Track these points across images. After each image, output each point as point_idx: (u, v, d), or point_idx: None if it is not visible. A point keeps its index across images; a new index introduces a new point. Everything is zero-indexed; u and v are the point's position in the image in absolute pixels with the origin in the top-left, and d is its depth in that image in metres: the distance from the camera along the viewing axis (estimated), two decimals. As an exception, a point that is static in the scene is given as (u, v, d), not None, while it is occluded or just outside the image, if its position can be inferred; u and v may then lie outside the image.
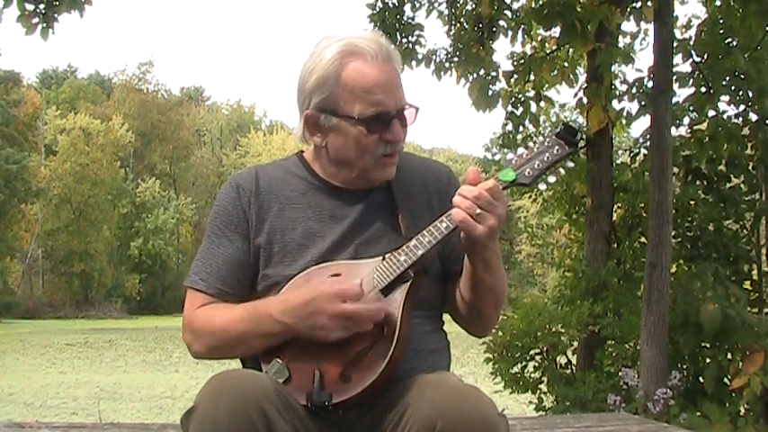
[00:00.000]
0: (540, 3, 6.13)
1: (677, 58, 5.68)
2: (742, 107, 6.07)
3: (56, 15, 5.41)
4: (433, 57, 6.87)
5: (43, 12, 5.35)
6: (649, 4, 5.77)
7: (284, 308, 1.55)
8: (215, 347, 1.63)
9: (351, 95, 1.61)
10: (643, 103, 5.91)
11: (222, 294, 1.66)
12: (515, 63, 6.86)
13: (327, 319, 1.51)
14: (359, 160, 1.65)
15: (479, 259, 1.59)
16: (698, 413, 4.71)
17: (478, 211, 1.50)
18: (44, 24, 5.37)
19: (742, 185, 6.27)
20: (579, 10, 5.54)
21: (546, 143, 1.62)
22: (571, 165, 1.62)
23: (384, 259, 1.59)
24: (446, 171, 1.82)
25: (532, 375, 6.26)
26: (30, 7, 5.33)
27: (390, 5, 6.62)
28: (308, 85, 1.66)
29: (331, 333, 1.52)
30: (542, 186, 1.63)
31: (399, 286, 1.57)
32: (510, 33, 6.76)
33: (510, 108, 6.93)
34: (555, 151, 1.60)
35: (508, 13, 6.71)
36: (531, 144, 1.63)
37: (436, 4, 6.97)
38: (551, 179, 1.62)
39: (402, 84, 1.67)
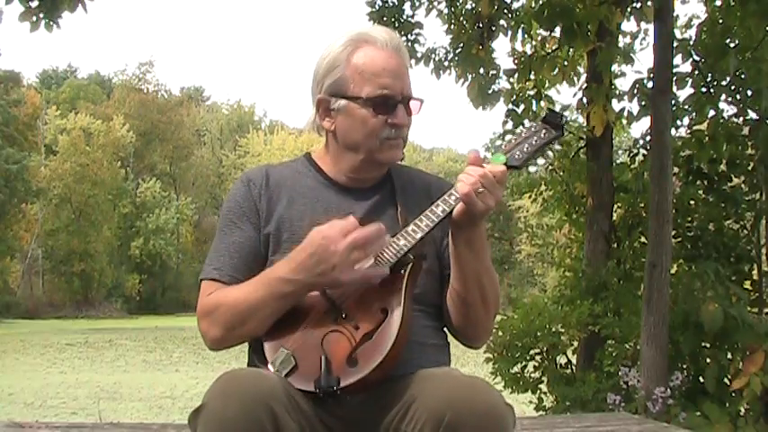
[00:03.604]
0: (540, 3, 6.12)
1: (677, 59, 5.68)
2: (742, 107, 6.07)
3: (59, 13, 5.40)
4: (433, 55, 6.87)
5: (46, 9, 5.34)
6: (649, 3, 5.77)
7: (290, 266, 1.58)
8: (231, 324, 1.62)
9: (360, 78, 1.69)
10: (643, 103, 5.91)
11: (235, 281, 1.68)
12: (516, 61, 6.86)
13: (337, 258, 1.53)
14: (365, 142, 1.70)
15: (463, 238, 1.62)
16: (698, 413, 4.71)
17: (481, 189, 1.55)
18: (47, 20, 5.37)
19: (742, 185, 6.27)
20: (579, 10, 5.54)
21: (533, 129, 1.68)
22: (558, 147, 1.72)
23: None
24: (449, 184, 1.85)
25: (532, 375, 6.26)
26: (34, 4, 5.33)
27: (390, 4, 6.62)
28: (321, 70, 1.74)
29: (344, 273, 1.54)
30: (534, 175, 1.70)
31: (400, 270, 1.59)
32: (510, 33, 6.75)
33: (511, 106, 6.92)
34: (542, 135, 1.67)
35: (508, 12, 6.70)
36: (518, 131, 1.69)
37: (436, 3, 6.96)
38: (540, 161, 1.68)
39: (410, 76, 1.74)
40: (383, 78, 1.68)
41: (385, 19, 6.52)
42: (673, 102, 5.48)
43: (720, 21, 5.96)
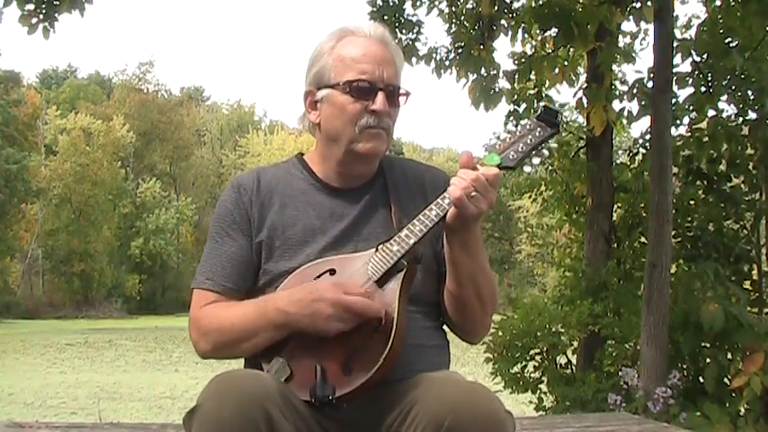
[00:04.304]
0: (540, 2, 6.12)
1: (677, 58, 5.68)
2: (742, 107, 6.06)
3: (56, 15, 5.41)
4: (434, 55, 6.86)
5: (44, 11, 5.35)
6: (649, 3, 5.76)
7: (288, 299, 1.57)
8: (220, 344, 1.64)
9: (341, 65, 1.69)
10: (643, 102, 5.90)
11: (228, 291, 1.68)
12: (516, 62, 6.85)
13: (329, 306, 1.52)
14: (344, 130, 1.68)
15: (458, 240, 1.61)
16: (698, 413, 4.71)
17: (474, 193, 1.53)
18: (45, 24, 5.37)
19: (742, 185, 6.27)
20: (579, 10, 5.54)
21: (528, 126, 1.64)
22: (555, 145, 1.67)
23: (377, 250, 1.60)
24: (443, 175, 1.85)
25: (532, 375, 6.25)
26: (30, 7, 5.34)
27: (390, 3, 6.61)
28: (309, 64, 1.75)
29: (331, 323, 1.52)
30: (533, 175, 1.67)
31: (394, 276, 1.58)
32: (510, 33, 6.75)
33: (512, 107, 6.91)
34: (537, 133, 1.63)
35: (508, 12, 6.70)
36: (513, 128, 1.67)
37: (437, 2, 6.96)
38: (536, 161, 1.65)
39: (398, 69, 1.72)
40: (363, 64, 1.68)
41: (386, 18, 6.51)
42: (673, 101, 5.47)
43: (721, 20, 5.95)
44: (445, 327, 1.76)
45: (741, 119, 6.11)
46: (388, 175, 1.78)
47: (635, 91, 5.95)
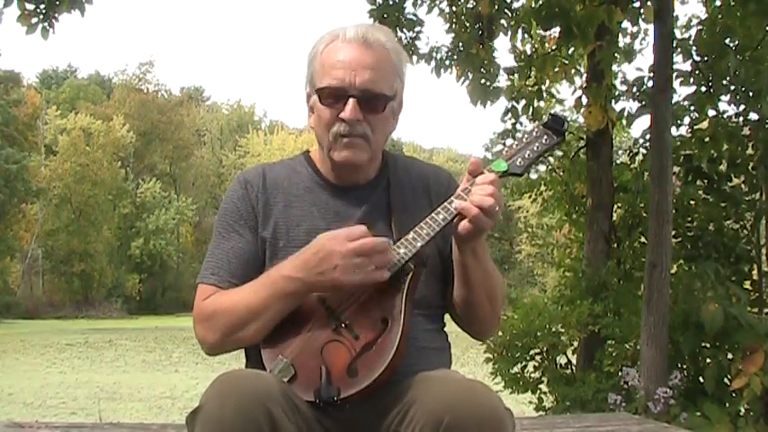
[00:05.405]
0: (540, 2, 6.11)
1: (677, 58, 5.67)
2: (742, 107, 6.06)
3: (56, 15, 5.41)
4: (434, 54, 6.85)
5: (43, 11, 5.35)
6: (649, 3, 5.76)
7: (294, 264, 1.57)
8: (229, 328, 1.60)
9: (322, 70, 1.68)
10: (643, 102, 5.90)
11: (233, 287, 1.66)
12: (517, 58, 6.84)
13: (339, 258, 1.51)
14: (322, 137, 1.70)
15: (469, 248, 1.61)
16: (698, 413, 4.70)
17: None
18: (44, 24, 5.37)
19: (742, 185, 6.27)
20: (579, 10, 5.53)
21: (534, 133, 1.66)
22: (560, 153, 1.69)
23: None
24: (446, 175, 1.86)
25: (532, 375, 6.26)
26: (30, 7, 5.33)
27: (390, 2, 6.60)
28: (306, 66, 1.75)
29: (345, 275, 1.52)
30: (533, 176, 1.68)
31: (400, 278, 1.58)
32: (510, 32, 6.74)
33: (512, 103, 6.89)
34: (543, 141, 1.65)
35: (508, 11, 6.69)
36: (519, 135, 1.69)
37: (437, 1, 6.95)
38: (541, 168, 1.66)
39: (384, 72, 1.66)
40: (337, 70, 1.64)
41: (386, 16, 6.49)
42: (673, 101, 5.47)
43: (720, 20, 5.95)
44: (446, 329, 1.77)
45: (742, 119, 6.11)
46: (392, 175, 1.77)
47: (635, 90, 5.95)
